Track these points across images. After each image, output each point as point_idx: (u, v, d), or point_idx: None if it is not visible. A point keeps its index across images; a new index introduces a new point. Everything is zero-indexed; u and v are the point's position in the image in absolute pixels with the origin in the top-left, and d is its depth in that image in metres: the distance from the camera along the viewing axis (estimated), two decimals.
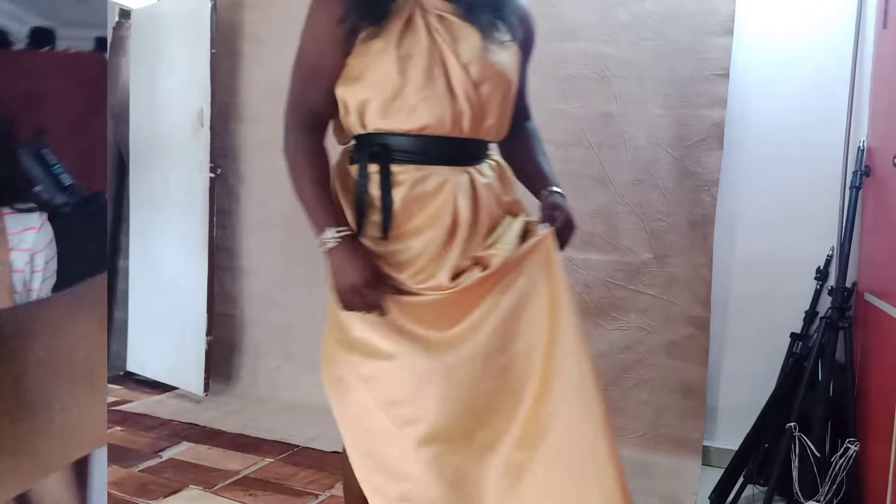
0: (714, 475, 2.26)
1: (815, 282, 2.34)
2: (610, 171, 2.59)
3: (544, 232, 1.28)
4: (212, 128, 3.02)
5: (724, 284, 2.53)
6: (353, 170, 1.28)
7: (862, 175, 2.17)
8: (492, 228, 1.30)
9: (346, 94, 1.25)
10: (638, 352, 2.57)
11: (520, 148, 1.46)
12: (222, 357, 3.31)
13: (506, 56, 1.28)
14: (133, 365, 3.43)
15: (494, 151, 1.40)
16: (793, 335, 2.33)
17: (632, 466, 2.44)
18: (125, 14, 3.50)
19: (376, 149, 1.24)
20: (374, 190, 1.25)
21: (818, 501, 1.93)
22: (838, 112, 2.34)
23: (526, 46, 1.38)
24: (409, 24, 1.21)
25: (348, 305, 1.24)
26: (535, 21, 1.39)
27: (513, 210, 1.36)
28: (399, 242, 1.25)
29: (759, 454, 2.17)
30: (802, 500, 1.95)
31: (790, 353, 2.32)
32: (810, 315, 2.33)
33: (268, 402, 3.07)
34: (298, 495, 2.15)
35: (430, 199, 1.24)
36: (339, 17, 1.22)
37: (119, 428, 2.73)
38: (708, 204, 2.46)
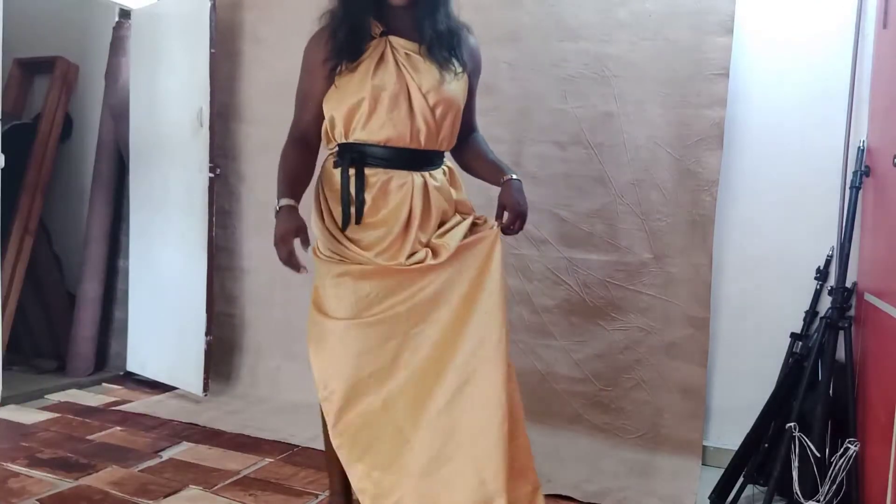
0: (714, 475, 2.26)
1: (815, 282, 2.35)
2: (610, 171, 2.59)
3: (490, 230, 1.66)
4: (211, 128, 3.02)
5: (724, 284, 2.53)
6: (336, 172, 1.66)
7: (862, 175, 2.17)
8: (442, 222, 1.68)
9: (335, 112, 1.64)
10: (638, 352, 2.57)
11: (471, 151, 1.82)
12: (223, 357, 3.31)
13: (457, 85, 1.66)
14: (133, 365, 3.43)
15: (448, 159, 1.77)
16: (793, 335, 2.33)
17: (632, 466, 2.44)
18: (125, 14, 3.50)
19: (356, 155, 1.63)
20: (352, 188, 1.63)
21: (818, 501, 1.93)
22: (838, 112, 2.34)
23: (474, 74, 1.76)
24: (382, 59, 1.60)
25: (278, 251, 1.61)
26: (480, 53, 1.79)
27: (462, 209, 1.73)
28: (368, 229, 1.64)
29: (759, 454, 2.17)
30: (802, 500, 1.95)
31: (790, 353, 2.32)
32: (810, 315, 2.33)
33: (268, 402, 3.07)
34: (298, 495, 2.15)
35: (392, 195, 1.63)
36: (324, 58, 1.62)
37: (119, 428, 2.73)
38: (708, 204, 2.46)
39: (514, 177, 1.70)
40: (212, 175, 3.03)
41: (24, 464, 2.31)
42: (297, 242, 1.60)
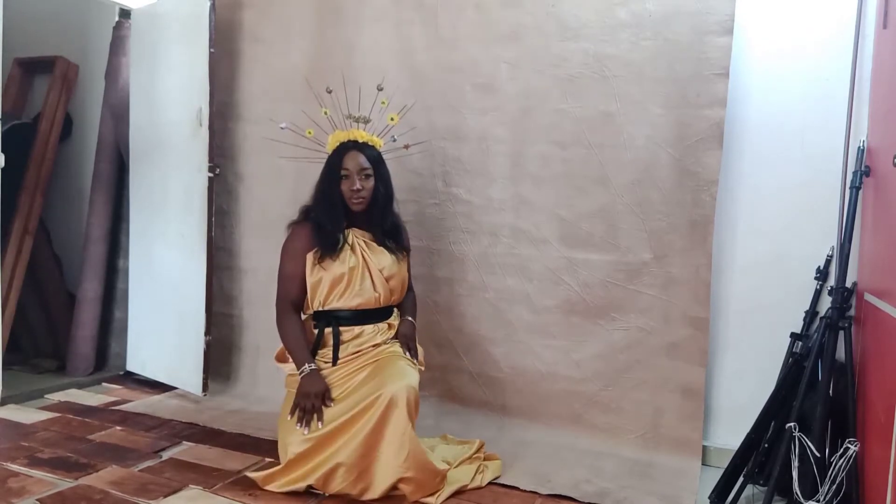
0: (714, 475, 2.27)
1: (815, 282, 2.35)
2: (610, 171, 2.59)
3: (392, 343, 2.34)
4: (210, 127, 3.02)
5: (724, 284, 2.53)
6: (315, 330, 2.34)
7: (862, 175, 2.17)
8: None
9: (314, 290, 2.29)
10: (638, 352, 2.57)
11: (403, 304, 2.49)
12: (222, 357, 3.31)
13: (401, 264, 2.38)
14: (133, 365, 3.43)
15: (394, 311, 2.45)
16: (793, 335, 2.33)
17: (632, 466, 2.44)
18: (125, 14, 3.50)
19: (332, 319, 2.30)
20: (330, 340, 2.28)
21: (818, 501, 1.93)
22: (838, 112, 2.34)
23: (406, 251, 2.46)
24: (352, 247, 2.29)
25: (305, 402, 2.16)
26: (407, 234, 2.50)
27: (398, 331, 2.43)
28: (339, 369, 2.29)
29: (759, 454, 2.17)
30: (802, 500, 1.95)
31: (790, 353, 2.32)
32: (810, 315, 2.33)
33: (267, 401, 3.06)
34: (298, 495, 2.15)
35: (362, 342, 2.30)
36: (308, 247, 2.28)
37: (119, 428, 2.73)
38: (708, 204, 2.46)
39: (410, 318, 2.44)
40: (211, 175, 3.03)
41: (24, 463, 2.31)
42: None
